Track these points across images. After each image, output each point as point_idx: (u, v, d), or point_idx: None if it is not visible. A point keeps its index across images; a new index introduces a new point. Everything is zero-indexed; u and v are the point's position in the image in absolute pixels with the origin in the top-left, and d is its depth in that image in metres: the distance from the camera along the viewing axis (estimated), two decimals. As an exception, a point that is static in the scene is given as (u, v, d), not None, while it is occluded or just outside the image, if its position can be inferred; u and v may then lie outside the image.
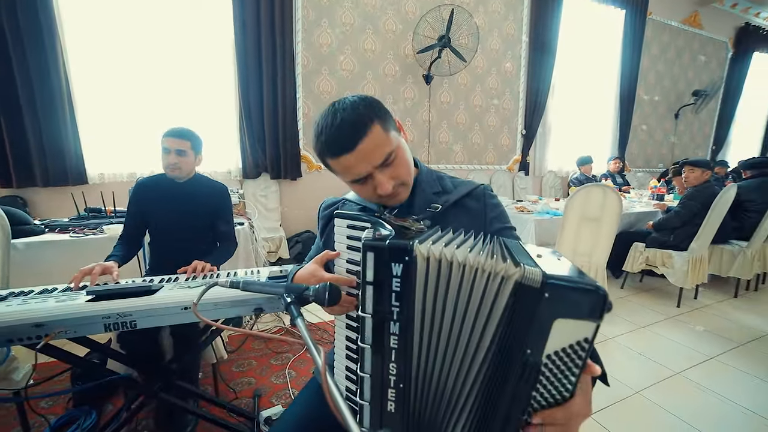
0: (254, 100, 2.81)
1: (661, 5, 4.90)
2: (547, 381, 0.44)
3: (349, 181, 0.68)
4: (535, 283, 0.42)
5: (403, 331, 0.48)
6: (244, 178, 2.93)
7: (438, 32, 3.35)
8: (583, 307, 0.41)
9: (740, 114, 6.09)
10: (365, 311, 0.50)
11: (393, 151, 0.66)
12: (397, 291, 0.48)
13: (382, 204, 0.73)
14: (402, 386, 0.50)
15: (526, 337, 0.43)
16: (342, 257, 0.71)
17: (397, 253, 0.47)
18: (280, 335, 2.08)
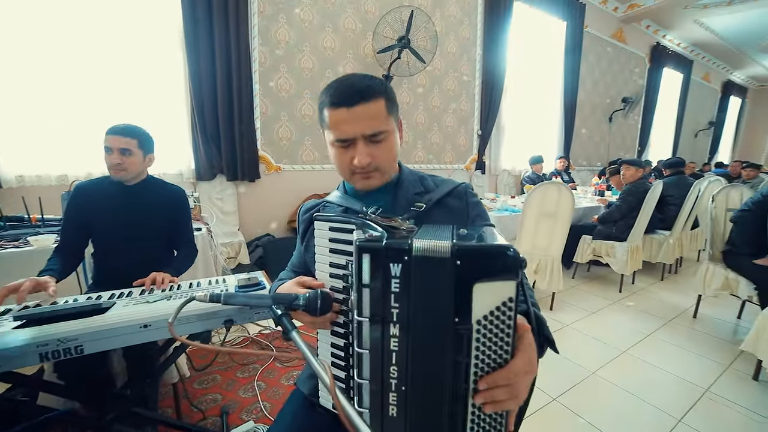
0: (207, 96, 2.62)
1: (595, 20, 5.39)
2: (484, 346, 0.45)
3: (334, 139, 0.68)
4: (446, 254, 0.44)
5: (404, 331, 0.47)
6: (198, 180, 2.73)
7: (398, 33, 3.38)
8: (497, 268, 0.43)
9: (657, 120, 6.90)
10: (362, 315, 0.48)
11: (385, 131, 0.68)
12: (396, 292, 0.46)
13: (353, 184, 0.74)
14: (404, 389, 0.49)
15: (454, 306, 0.45)
16: (323, 261, 0.68)
17: (395, 253, 0.46)
18: (276, 349, 1.97)
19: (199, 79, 2.57)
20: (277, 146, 3.16)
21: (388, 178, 0.75)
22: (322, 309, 0.58)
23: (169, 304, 0.98)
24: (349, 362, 0.65)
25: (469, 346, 0.45)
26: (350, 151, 0.68)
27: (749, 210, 1.99)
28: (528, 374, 0.47)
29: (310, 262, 0.83)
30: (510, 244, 0.43)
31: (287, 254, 0.96)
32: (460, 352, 0.45)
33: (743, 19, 6.14)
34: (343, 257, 0.64)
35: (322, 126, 0.74)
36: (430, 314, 0.47)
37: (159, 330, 0.93)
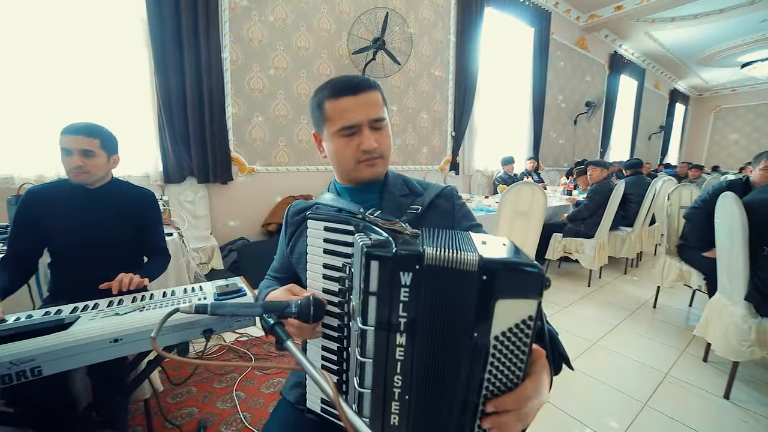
0: (176, 94, 2.49)
1: (560, 28, 5.66)
2: (499, 362, 0.45)
3: (339, 128, 0.69)
4: (473, 268, 0.43)
5: (410, 341, 0.46)
6: (167, 182, 2.59)
7: (373, 34, 3.38)
8: (522, 286, 0.43)
9: (617, 123, 7.36)
10: (367, 323, 0.47)
11: (385, 119, 0.72)
12: (405, 301, 0.45)
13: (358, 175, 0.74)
14: (407, 397, 0.48)
15: (474, 321, 0.44)
16: (316, 262, 0.67)
17: (407, 261, 0.45)
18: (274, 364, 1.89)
19: (166, 77, 2.44)
20: (251, 147, 3.06)
21: (386, 169, 0.76)
22: (315, 316, 0.57)
23: (143, 316, 0.92)
24: (342, 366, 0.64)
25: (485, 361, 0.45)
26: (355, 139, 0.70)
27: (699, 207, 2.16)
28: (537, 401, 0.47)
29: (296, 264, 0.82)
30: (536, 263, 0.43)
31: (263, 258, 0.93)
32: (476, 366, 0.45)
33: (685, 35, 6.72)
34: (339, 259, 0.63)
35: (318, 123, 0.75)
36: (446, 325, 0.46)
37: (132, 344, 0.88)
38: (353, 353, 0.54)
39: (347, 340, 0.63)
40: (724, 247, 1.72)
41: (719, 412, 1.57)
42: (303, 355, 0.46)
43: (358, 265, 0.49)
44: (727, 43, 7.12)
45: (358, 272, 0.49)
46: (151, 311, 0.95)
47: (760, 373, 1.85)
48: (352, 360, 0.57)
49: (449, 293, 0.46)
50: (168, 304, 0.99)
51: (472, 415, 0.47)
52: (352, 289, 0.58)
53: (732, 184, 2.14)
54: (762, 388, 1.74)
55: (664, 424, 1.49)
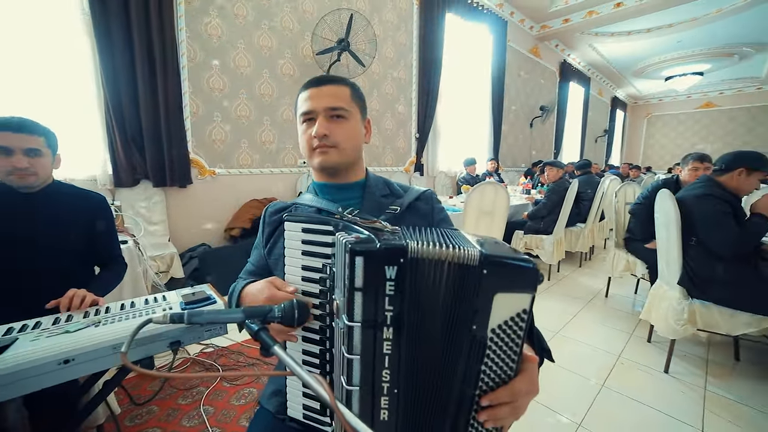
0: (126, 91, 2.31)
1: (516, 36, 5.98)
2: (494, 354, 0.48)
3: (300, 114, 0.75)
4: (474, 262, 0.46)
5: (397, 334, 0.47)
6: (117, 186, 2.39)
7: (337, 35, 3.37)
8: (519, 280, 0.46)
9: (568, 126, 7.91)
10: (353, 320, 0.47)
11: (346, 110, 0.73)
12: (390, 295, 0.46)
13: (312, 162, 0.76)
14: (396, 391, 0.49)
15: (473, 314, 0.46)
16: (294, 264, 0.66)
17: (392, 255, 0.46)
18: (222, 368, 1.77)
19: (114, 72, 2.25)
20: (211, 149, 2.92)
21: (348, 161, 0.76)
22: (300, 320, 0.56)
23: (100, 332, 0.84)
24: (326, 368, 0.63)
25: (483, 353, 0.46)
26: (312, 126, 0.73)
27: (641, 204, 2.39)
28: (530, 394, 0.49)
29: (274, 266, 0.80)
30: (530, 259, 0.45)
31: (227, 264, 0.89)
32: (473, 358, 0.47)
33: (622, 49, 7.47)
34: (319, 260, 0.62)
35: (297, 123, 0.79)
36: (437, 318, 0.48)
37: (87, 364, 0.79)
38: (339, 352, 0.53)
39: (330, 341, 0.62)
40: (662, 238, 1.91)
41: (662, 386, 1.75)
42: (293, 359, 0.45)
43: (342, 263, 0.49)
44: (654, 59, 8.01)
45: (342, 270, 0.49)
46: (110, 326, 0.86)
47: (690, 348, 2.08)
48: (338, 359, 0.56)
49: (440, 286, 0.47)
50: (128, 318, 0.91)
51: (468, 408, 0.49)
52: (334, 289, 0.57)
53: (666, 183, 2.38)
54: (694, 360, 1.96)
55: (618, 401, 1.63)
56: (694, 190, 1.78)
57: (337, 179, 0.79)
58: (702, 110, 11.25)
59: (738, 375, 1.85)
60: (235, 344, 1.99)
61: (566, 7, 5.76)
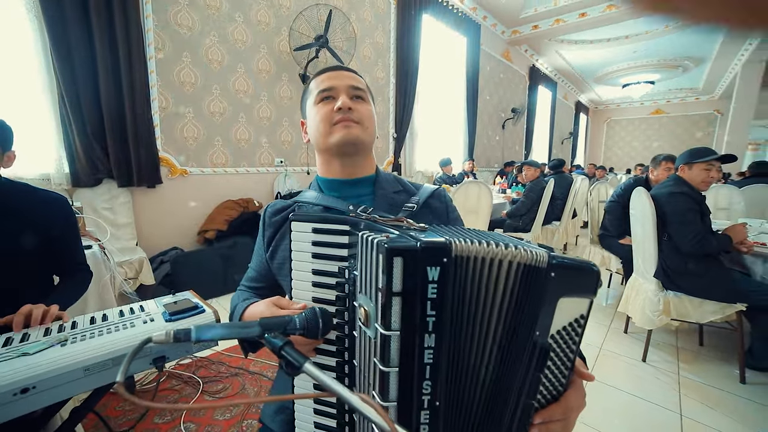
0: (84, 82, 2.11)
1: (488, 39, 6.14)
2: (551, 363, 0.46)
3: (318, 91, 0.70)
4: (543, 264, 0.44)
5: (440, 342, 0.43)
6: (76, 186, 2.17)
7: (315, 31, 3.28)
8: (584, 284, 0.44)
9: (537, 128, 8.24)
10: (390, 328, 0.43)
11: (367, 96, 0.73)
12: (433, 298, 0.42)
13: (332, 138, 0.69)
14: (438, 404, 0.45)
15: (536, 319, 0.44)
16: (303, 269, 0.60)
17: (434, 254, 0.42)
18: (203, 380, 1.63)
19: (70, 61, 2.05)
20: (182, 147, 2.75)
21: (368, 144, 0.72)
22: (324, 330, 0.49)
23: (67, 352, 0.71)
24: (344, 382, 0.58)
25: (544, 360, 0.44)
26: (332, 102, 0.69)
27: (615, 201, 2.50)
28: (579, 409, 0.47)
29: (277, 271, 0.74)
30: (592, 262, 0.44)
31: (201, 269, 0.81)
32: (533, 366, 0.44)
33: (585, 56, 7.95)
34: (333, 263, 0.57)
35: (303, 105, 0.76)
36: (495, 323, 0.44)
37: (50, 392, 0.67)
38: (366, 365, 0.49)
39: (349, 352, 0.57)
40: (638, 233, 2.01)
41: (640, 373, 1.84)
42: (332, 379, 0.39)
43: (371, 264, 0.45)
44: (613, 66, 8.60)
45: (370, 273, 0.45)
46: (79, 344, 0.73)
47: (662, 337, 2.20)
48: (364, 373, 0.51)
49: (495, 288, 0.44)
50: (101, 333, 0.78)
51: (524, 421, 0.46)
52: (355, 294, 0.53)
53: (637, 181, 2.51)
54: (668, 349, 2.08)
55: (602, 390, 1.69)
56: (666, 187, 1.88)
57: (349, 170, 0.72)
58: (653, 116, 12.22)
59: (703, 359, 1.98)
60: (214, 353, 1.86)
61: (535, 14, 5.99)
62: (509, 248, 0.44)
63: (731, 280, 1.72)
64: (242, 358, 1.83)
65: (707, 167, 1.81)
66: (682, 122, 11.73)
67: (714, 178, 1.83)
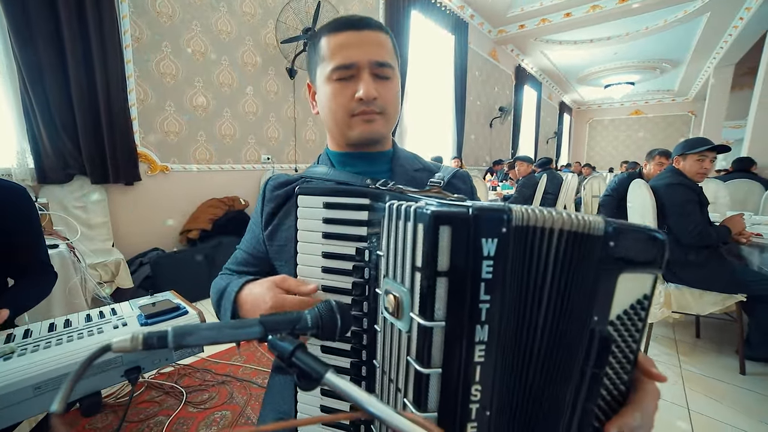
0: (51, 70, 1.93)
1: (476, 38, 6.15)
2: (612, 356, 0.37)
3: (334, 67, 0.56)
4: (599, 231, 0.35)
5: (493, 335, 0.34)
6: (42, 182, 1.99)
7: (303, 23, 3.18)
8: (648, 256, 0.36)
9: (523, 127, 8.32)
10: (432, 318, 0.34)
11: (393, 69, 0.59)
12: (488, 279, 0.33)
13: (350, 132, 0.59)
14: (488, 414, 0.36)
15: (593, 301, 0.36)
16: (311, 252, 0.51)
17: (492, 223, 0.33)
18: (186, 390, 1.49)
19: (34, 45, 1.87)
20: (163, 142, 2.59)
21: (388, 133, 0.62)
22: (343, 329, 0.39)
23: (13, 367, 0.58)
24: (360, 387, 0.49)
25: (605, 354, 0.36)
26: (351, 85, 0.56)
27: (610, 195, 2.50)
28: (656, 412, 0.38)
29: (276, 255, 0.63)
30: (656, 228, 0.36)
31: (184, 270, 0.71)
32: (592, 361, 0.36)
33: (568, 57, 8.10)
34: (350, 244, 0.48)
35: (313, 68, 0.62)
36: (546, 308, 0.36)
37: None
38: (394, 366, 0.40)
39: (368, 351, 0.48)
40: (636, 226, 1.99)
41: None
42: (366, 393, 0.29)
43: (407, 239, 0.36)
44: (595, 67, 8.82)
45: (407, 249, 0.36)
46: (29, 356, 0.62)
47: (663, 331, 2.19)
48: (387, 376, 0.42)
49: (547, 264, 0.36)
50: (59, 342, 0.66)
51: (583, 429, 0.38)
52: (378, 281, 0.44)
53: (631, 176, 2.51)
54: (666, 342, 2.07)
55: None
56: (663, 179, 1.87)
57: (364, 148, 0.64)
58: (632, 117, 12.60)
59: (701, 351, 1.97)
60: (199, 360, 1.73)
61: (522, 14, 6.04)
62: (562, 215, 0.35)
63: (731, 271, 1.71)
64: (229, 364, 1.71)
65: (700, 158, 1.81)
66: (659, 122, 12.14)
67: (708, 168, 1.83)
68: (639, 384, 0.38)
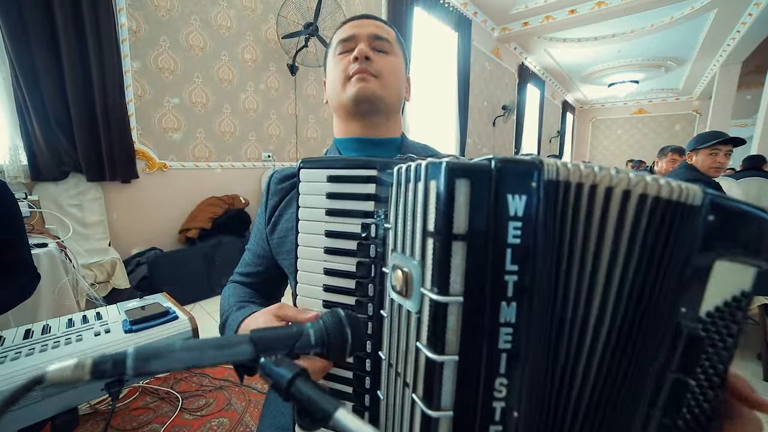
0: (44, 64, 1.87)
1: (479, 36, 6.08)
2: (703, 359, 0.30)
3: (337, 42, 0.63)
4: (695, 200, 0.29)
5: (522, 315, 0.28)
6: (36, 179, 1.93)
7: (305, 18, 3.11)
8: (755, 242, 0.29)
9: (526, 126, 8.25)
10: (447, 292, 0.27)
11: (391, 45, 0.63)
12: (515, 245, 0.27)
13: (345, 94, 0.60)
14: (516, 415, 0.29)
15: (679, 288, 0.29)
16: (313, 231, 0.44)
17: (519, 176, 0.27)
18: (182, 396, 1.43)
19: (26, 38, 1.80)
20: (161, 139, 2.53)
21: (390, 101, 0.61)
22: (354, 345, 0.32)
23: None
24: (363, 384, 0.41)
25: (696, 355, 0.28)
26: (350, 55, 0.60)
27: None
28: None
29: (277, 249, 0.60)
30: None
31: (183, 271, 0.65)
32: (676, 362, 0.29)
33: (572, 55, 8.01)
34: (355, 222, 0.42)
35: (326, 66, 0.68)
36: (617, 291, 0.29)
37: None
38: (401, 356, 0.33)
39: (373, 341, 0.40)
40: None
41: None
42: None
43: (417, 202, 0.29)
44: (598, 66, 8.72)
45: (418, 214, 0.29)
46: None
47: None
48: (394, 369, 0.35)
49: (609, 231, 0.28)
50: (31, 352, 0.58)
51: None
52: (385, 260, 0.37)
53: (641, 173, 2.44)
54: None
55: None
56: (677, 176, 1.80)
57: (371, 130, 0.62)
58: (636, 116, 12.49)
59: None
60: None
61: (526, 11, 5.96)
62: (633, 175, 0.29)
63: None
64: (227, 368, 1.65)
65: (712, 152, 1.74)
66: (663, 122, 12.03)
67: (722, 163, 1.76)
68: (734, 411, 0.31)
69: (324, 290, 0.44)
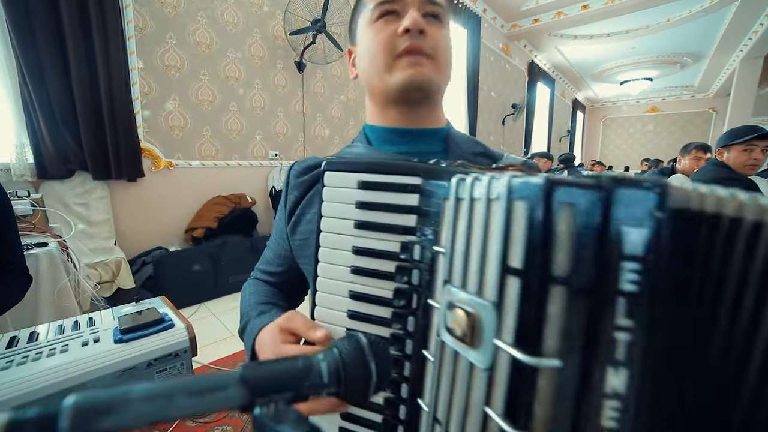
0: (50, 61, 1.85)
1: (488, 33, 5.98)
2: None
3: (373, 7, 0.48)
4: None
5: (634, 384, 0.21)
6: (42, 177, 1.91)
7: (312, 14, 3.06)
8: None
9: (536, 125, 8.11)
10: (539, 352, 0.21)
11: (445, 15, 0.49)
12: (632, 292, 0.20)
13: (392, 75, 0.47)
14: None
15: None
16: (339, 246, 0.38)
17: (636, 202, 0.20)
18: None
19: (32, 36, 1.78)
20: (167, 137, 2.50)
21: (441, 87, 0.50)
22: (379, 382, 0.26)
23: None
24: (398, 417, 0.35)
25: None
26: (396, 21, 0.47)
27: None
28: None
29: (298, 252, 0.52)
30: None
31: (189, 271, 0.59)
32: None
33: (583, 52, 7.85)
34: (393, 238, 0.35)
35: (353, 27, 0.55)
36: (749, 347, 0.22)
37: None
38: (456, 416, 0.27)
39: (411, 385, 0.34)
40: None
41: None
42: None
43: (490, 225, 0.23)
44: (611, 63, 8.51)
45: (492, 241, 0.23)
46: None
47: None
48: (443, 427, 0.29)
49: (738, 276, 0.22)
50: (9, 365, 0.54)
51: None
52: (431, 289, 0.31)
53: (662, 171, 2.33)
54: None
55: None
56: (709, 173, 1.69)
57: (414, 119, 0.51)
58: (648, 114, 12.21)
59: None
60: (200, 367, 1.62)
61: (537, 7, 5.84)
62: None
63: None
64: (233, 372, 1.60)
65: (746, 147, 1.62)
66: (678, 120, 11.74)
67: (759, 159, 1.65)
68: None
69: (349, 317, 0.37)
